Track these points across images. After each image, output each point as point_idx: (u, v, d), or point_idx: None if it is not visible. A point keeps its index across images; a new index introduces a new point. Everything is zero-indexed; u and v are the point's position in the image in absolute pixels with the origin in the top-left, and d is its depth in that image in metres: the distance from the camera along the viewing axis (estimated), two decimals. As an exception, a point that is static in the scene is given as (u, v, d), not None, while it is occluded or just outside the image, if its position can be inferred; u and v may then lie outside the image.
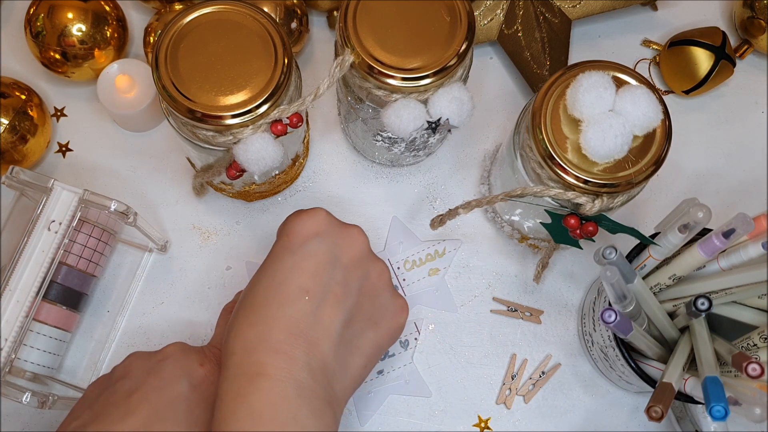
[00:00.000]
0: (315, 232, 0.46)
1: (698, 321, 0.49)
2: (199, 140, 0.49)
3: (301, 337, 0.42)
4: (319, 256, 0.45)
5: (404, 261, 0.61)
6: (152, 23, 0.61)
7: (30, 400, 0.50)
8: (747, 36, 0.65)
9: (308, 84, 0.64)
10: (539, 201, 0.50)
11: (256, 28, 0.48)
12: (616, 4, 0.64)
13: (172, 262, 0.60)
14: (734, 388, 0.43)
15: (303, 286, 0.43)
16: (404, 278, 0.60)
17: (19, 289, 0.50)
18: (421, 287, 0.60)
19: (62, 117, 0.64)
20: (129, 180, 0.62)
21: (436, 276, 0.60)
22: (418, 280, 0.60)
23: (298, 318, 0.43)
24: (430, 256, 0.61)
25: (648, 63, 0.66)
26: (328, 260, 0.45)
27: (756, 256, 0.46)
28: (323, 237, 0.46)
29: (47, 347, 0.54)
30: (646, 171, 0.46)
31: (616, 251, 0.46)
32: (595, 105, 0.45)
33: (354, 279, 0.46)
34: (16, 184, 0.52)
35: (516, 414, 0.58)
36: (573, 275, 0.61)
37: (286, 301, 0.43)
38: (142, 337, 0.59)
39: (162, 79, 0.47)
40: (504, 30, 0.63)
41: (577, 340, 0.59)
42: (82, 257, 0.55)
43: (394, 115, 0.48)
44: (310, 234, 0.45)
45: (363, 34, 0.48)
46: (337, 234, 0.46)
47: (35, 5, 0.59)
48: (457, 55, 0.48)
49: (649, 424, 0.58)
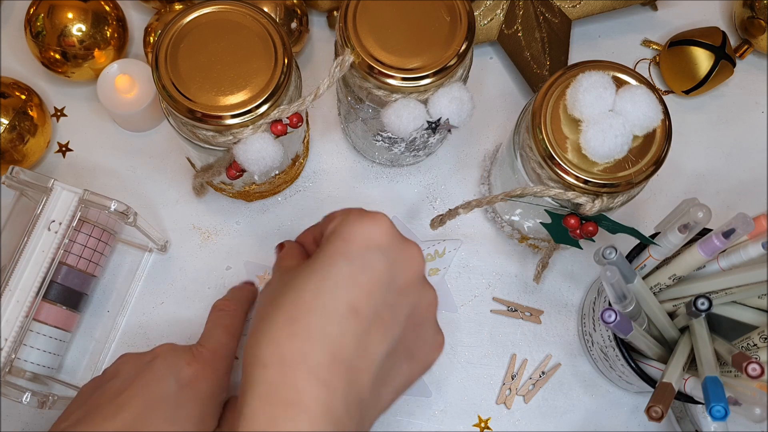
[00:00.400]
0: (377, 243, 0.41)
1: (698, 321, 0.49)
2: (199, 140, 0.49)
3: (344, 365, 0.38)
4: (376, 272, 0.40)
5: None
6: (152, 23, 0.61)
7: (30, 400, 0.50)
8: (747, 36, 0.65)
9: (308, 84, 0.64)
10: (539, 201, 0.50)
11: (256, 28, 0.48)
12: (616, 4, 0.64)
13: (172, 262, 0.60)
14: (734, 388, 0.43)
15: (354, 304, 0.39)
16: None
17: (19, 289, 0.50)
18: None
19: (62, 117, 0.64)
20: (129, 180, 0.62)
21: (436, 276, 0.60)
22: None
23: (345, 342, 0.38)
24: (430, 256, 0.61)
25: (648, 63, 0.66)
26: (385, 279, 0.41)
27: (756, 256, 0.46)
28: (385, 251, 0.41)
29: (47, 347, 0.54)
30: (646, 171, 0.46)
31: (616, 251, 0.46)
32: (595, 105, 0.45)
33: (405, 305, 0.42)
34: (16, 184, 0.52)
35: (516, 414, 0.58)
36: (573, 275, 0.61)
37: (333, 318, 0.39)
38: (142, 337, 0.59)
39: (162, 79, 0.47)
40: (504, 30, 0.63)
41: (577, 340, 0.59)
42: (82, 257, 0.55)
43: (394, 115, 0.48)
44: (372, 244, 0.41)
45: (363, 34, 0.48)
46: (398, 250, 0.42)
47: (35, 5, 0.59)
48: (457, 55, 0.48)
49: (649, 424, 0.58)
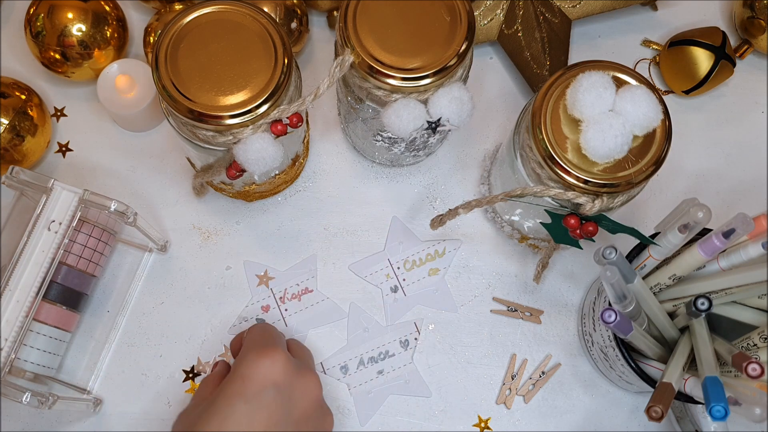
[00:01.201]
0: (272, 381, 0.45)
1: (698, 321, 0.49)
2: (199, 140, 0.49)
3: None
4: (272, 409, 0.45)
5: (404, 261, 0.60)
6: (152, 23, 0.61)
7: (30, 400, 0.50)
8: (747, 36, 0.65)
9: (308, 84, 0.64)
10: (539, 201, 0.50)
11: (256, 28, 0.48)
12: (616, 4, 0.64)
13: (172, 262, 0.60)
14: (734, 388, 0.43)
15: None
16: (404, 278, 0.60)
17: (19, 289, 0.50)
18: (421, 287, 0.60)
19: (62, 117, 0.64)
20: (129, 180, 0.62)
21: (436, 276, 0.60)
22: (417, 280, 0.60)
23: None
24: (430, 256, 0.61)
25: (648, 63, 0.66)
26: (280, 415, 0.45)
27: (756, 256, 0.46)
28: (279, 387, 0.45)
29: (47, 347, 0.54)
30: (646, 171, 0.46)
31: (616, 251, 0.46)
32: (595, 105, 0.45)
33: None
34: (16, 184, 0.52)
35: (516, 414, 0.58)
36: (573, 275, 0.61)
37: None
38: (142, 337, 0.59)
39: (162, 79, 0.47)
40: (504, 30, 0.63)
41: (577, 340, 0.59)
42: (82, 257, 0.55)
43: (394, 115, 0.48)
44: (267, 382, 0.45)
45: (363, 34, 0.48)
46: (294, 384, 0.46)
47: (35, 5, 0.59)
48: (457, 55, 0.48)
49: (649, 424, 0.58)
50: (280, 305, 0.59)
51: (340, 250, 0.61)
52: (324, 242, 0.61)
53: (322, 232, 0.61)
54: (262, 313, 0.59)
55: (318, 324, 0.59)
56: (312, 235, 0.61)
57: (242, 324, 0.59)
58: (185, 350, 0.58)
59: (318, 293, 0.60)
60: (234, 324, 0.59)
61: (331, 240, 0.61)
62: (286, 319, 0.59)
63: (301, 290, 0.60)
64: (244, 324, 0.59)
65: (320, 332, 0.59)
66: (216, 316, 0.59)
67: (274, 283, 0.60)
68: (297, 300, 0.60)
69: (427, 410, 0.58)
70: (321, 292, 0.60)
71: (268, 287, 0.60)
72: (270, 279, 0.60)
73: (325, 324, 0.59)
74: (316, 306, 0.60)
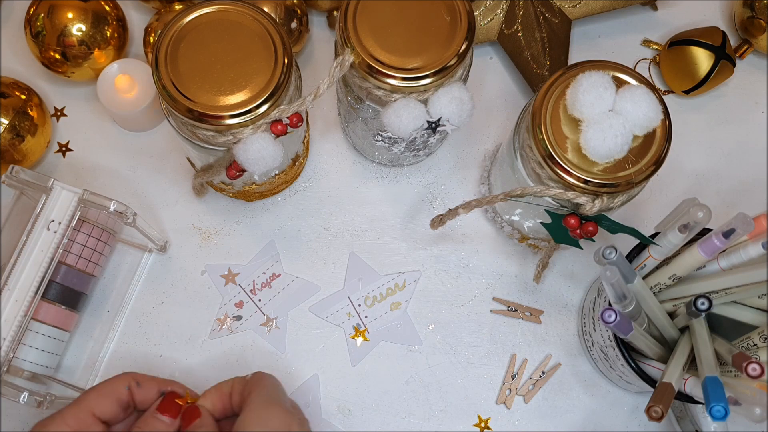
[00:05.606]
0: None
1: (698, 321, 0.49)
2: (199, 140, 0.49)
3: None
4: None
5: (365, 297, 0.60)
6: (152, 23, 0.61)
7: (27, 399, 0.50)
8: (747, 36, 0.65)
9: (308, 84, 0.63)
10: (539, 201, 0.50)
11: (256, 28, 0.48)
12: (616, 4, 0.64)
13: (172, 262, 0.60)
14: (734, 388, 0.43)
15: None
16: (366, 315, 0.59)
17: (18, 288, 0.50)
18: (384, 323, 0.59)
19: (62, 117, 0.64)
20: (129, 180, 0.62)
21: (398, 310, 0.59)
22: (380, 315, 0.59)
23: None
24: (390, 290, 0.60)
25: (648, 63, 0.66)
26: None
27: (756, 256, 0.46)
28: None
29: (46, 347, 0.54)
30: (646, 171, 0.46)
31: (616, 251, 0.46)
32: (595, 105, 0.45)
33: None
34: (16, 184, 0.52)
35: (516, 414, 0.58)
36: (573, 275, 0.61)
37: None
38: (141, 337, 0.59)
39: (162, 79, 0.47)
40: (504, 30, 0.63)
41: (577, 340, 0.59)
42: (81, 257, 0.55)
43: (394, 115, 0.48)
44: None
45: (363, 34, 0.48)
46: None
47: (35, 5, 0.59)
48: (457, 55, 0.48)
49: (649, 424, 0.58)
50: (252, 297, 0.59)
51: (340, 250, 0.61)
52: (324, 242, 0.61)
53: (322, 232, 0.61)
54: (237, 309, 0.59)
55: (294, 304, 0.59)
56: (312, 235, 0.61)
57: (222, 329, 0.59)
58: (185, 350, 0.58)
59: (286, 275, 0.60)
60: (213, 328, 0.59)
61: (331, 240, 0.61)
62: (262, 309, 0.59)
63: (269, 277, 0.60)
64: (224, 328, 0.59)
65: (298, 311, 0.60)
66: (216, 317, 0.59)
67: (241, 278, 0.60)
68: (268, 288, 0.60)
69: (427, 410, 0.58)
70: (288, 273, 0.60)
71: (236, 283, 0.60)
72: (235, 275, 0.60)
73: (300, 302, 0.59)
74: (287, 288, 0.60)
